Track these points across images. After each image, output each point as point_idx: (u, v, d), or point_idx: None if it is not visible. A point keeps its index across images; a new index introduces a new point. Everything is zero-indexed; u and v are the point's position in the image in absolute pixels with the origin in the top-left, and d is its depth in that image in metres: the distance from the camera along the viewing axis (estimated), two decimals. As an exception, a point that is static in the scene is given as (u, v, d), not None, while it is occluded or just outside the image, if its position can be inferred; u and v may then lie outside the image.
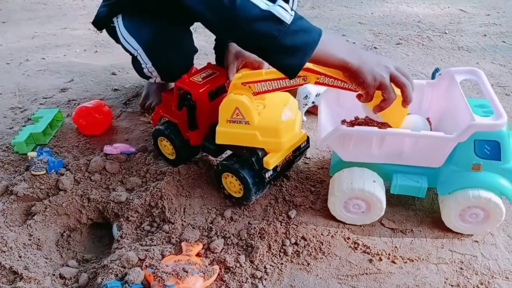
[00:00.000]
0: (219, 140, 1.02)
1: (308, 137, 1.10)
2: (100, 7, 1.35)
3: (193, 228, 1.00)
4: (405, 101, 0.89)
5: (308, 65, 0.86)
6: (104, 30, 1.39)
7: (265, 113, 1.02)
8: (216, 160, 1.18)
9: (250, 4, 0.81)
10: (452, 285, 0.86)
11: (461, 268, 0.89)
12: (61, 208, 1.06)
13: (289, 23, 0.81)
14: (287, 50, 0.83)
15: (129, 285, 0.83)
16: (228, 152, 1.12)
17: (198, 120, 1.08)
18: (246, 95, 0.96)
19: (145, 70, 1.27)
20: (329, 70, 0.89)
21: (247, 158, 1.00)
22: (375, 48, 1.94)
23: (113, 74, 1.77)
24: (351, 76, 0.87)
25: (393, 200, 1.05)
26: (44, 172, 1.12)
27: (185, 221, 1.02)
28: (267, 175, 1.01)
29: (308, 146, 1.11)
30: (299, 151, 1.08)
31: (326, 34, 0.85)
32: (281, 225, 0.99)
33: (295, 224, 0.99)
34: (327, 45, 0.84)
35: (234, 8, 0.81)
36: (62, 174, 1.13)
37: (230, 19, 0.83)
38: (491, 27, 2.13)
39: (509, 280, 0.87)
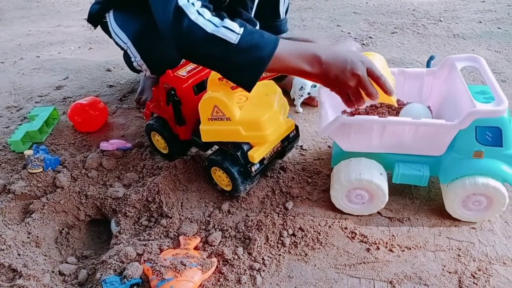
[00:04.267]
0: (204, 138, 1.02)
1: (296, 126, 1.09)
2: (93, 4, 1.35)
3: (191, 222, 1.00)
4: (388, 93, 0.85)
5: None
6: (99, 27, 1.39)
7: (247, 106, 1.00)
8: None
9: (197, 27, 0.80)
10: (450, 272, 0.86)
11: (458, 255, 0.90)
12: (59, 205, 1.06)
13: (235, 42, 0.80)
14: (238, 68, 0.83)
15: (127, 280, 0.83)
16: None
17: (185, 115, 1.07)
18: (223, 91, 0.95)
19: (135, 64, 1.27)
20: None
21: (232, 153, 1.00)
22: (370, 37, 1.93)
23: (108, 70, 1.77)
24: (318, 81, 0.87)
25: (389, 189, 1.05)
26: (41, 170, 1.12)
27: (182, 215, 1.02)
28: (253, 168, 1.00)
29: (298, 135, 1.10)
30: (288, 140, 1.07)
31: (283, 44, 0.83)
32: (278, 216, 0.99)
33: (292, 216, 0.99)
34: (282, 57, 0.83)
35: (181, 34, 0.82)
36: (59, 172, 1.13)
37: (180, 44, 0.84)
38: (486, 14, 2.12)
39: (507, 266, 0.87)
